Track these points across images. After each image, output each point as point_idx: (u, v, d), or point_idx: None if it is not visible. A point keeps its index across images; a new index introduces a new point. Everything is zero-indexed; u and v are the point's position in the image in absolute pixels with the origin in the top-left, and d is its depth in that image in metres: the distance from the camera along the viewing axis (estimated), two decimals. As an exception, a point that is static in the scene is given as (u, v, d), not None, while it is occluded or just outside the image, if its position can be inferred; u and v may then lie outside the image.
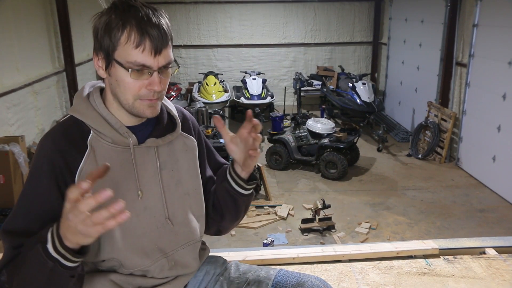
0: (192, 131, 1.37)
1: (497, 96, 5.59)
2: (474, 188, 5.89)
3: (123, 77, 1.11)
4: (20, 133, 5.26)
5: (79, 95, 1.21)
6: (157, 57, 1.09)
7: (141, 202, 1.21)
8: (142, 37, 1.07)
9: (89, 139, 1.15)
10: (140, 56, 1.08)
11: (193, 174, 1.33)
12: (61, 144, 1.13)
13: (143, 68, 1.09)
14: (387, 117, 9.04)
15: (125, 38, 1.07)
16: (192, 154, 1.33)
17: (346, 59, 10.29)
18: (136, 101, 1.13)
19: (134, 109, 1.15)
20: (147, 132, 1.24)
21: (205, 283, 1.38)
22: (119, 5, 1.10)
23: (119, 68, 1.10)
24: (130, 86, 1.11)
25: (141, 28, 1.06)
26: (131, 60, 1.08)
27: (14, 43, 5.40)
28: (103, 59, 1.13)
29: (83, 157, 1.13)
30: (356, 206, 5.37)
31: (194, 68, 10.13)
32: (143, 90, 1.12)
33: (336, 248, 2.15)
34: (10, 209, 4.22)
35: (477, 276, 1.96)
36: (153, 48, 1.08)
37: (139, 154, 1.20)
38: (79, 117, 1.16)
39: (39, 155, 1.14)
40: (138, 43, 1.07)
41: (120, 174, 1.17)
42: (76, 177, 1.13)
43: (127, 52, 1.08)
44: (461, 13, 6.54)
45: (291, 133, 6.59)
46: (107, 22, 1.09)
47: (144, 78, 1.11)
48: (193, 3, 9.78)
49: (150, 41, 1.07)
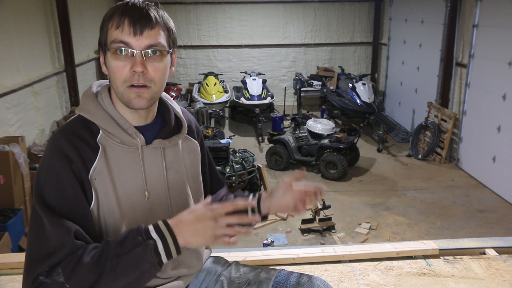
0: (196, 134, 1.38)
1: (497, 96, 5.59)
2: (474, 188, 5.89)
3: (111, 63, 1.12)
4: (20, 133, 5.26)
5: (88, 94, 1.21)
6: (138, 37, 1.09)
7: (147, 202, 1.21)
8: (122, 18, 1.09)
9: (99, 138, 1.15)
10: (119, 35, 1.09)
11: (194, 176, 1.34)
12: (75, 142, 1.12)
13: (121, 47, 1.10)
14: (387, 117, 9.04)
15: (111, 24, 1.11)
16: (195, 157, 1.35)
17: (346, 59, 10.30)
18: (125, 89, 1.12)
19: (123, 97, 1.14)
20: (154, 133, 1.24)
21: (206, 283, 1.39)
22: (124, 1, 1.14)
23: (108, 55, 1.13)
24: (115, 70, 1.11)
25: (123, 11, 1.10)
26: (111, 40, 1.11)
27: (14, 44, 5.40)
28: (102, 54, 1.16)
29: (96, 156, 1.13)
30: (356, 207, 5.37)
31: (194, 68, 10.13)
32: (126, 72, 1.11)
33: (336, 248, 2.15)
34: (10, 209, 4.21)
35: (477, 276, 1.96)
36: (132, 27, 1.09)
37: (146, 155, 1.21)
38: (88, 117, 1.16)
39: (52, 153, 1.11)
40: (118, 24, 1.10)
41: (128, 174, 1.17)
42: (90, 175, 1.12)
43: (110, 34, 1.11)
44: (461, 14, 6.54)
45: (291, 134, 6.59)
46: (104, 17, 1.14)
47: (127, 60, 1.11)
48: (193, 4, 9.78)
49: (129, 21, 1.09)
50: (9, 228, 3.92)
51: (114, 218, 1.15)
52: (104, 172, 1.13)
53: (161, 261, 1.03)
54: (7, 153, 4.29)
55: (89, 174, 1.12)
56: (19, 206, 4.34)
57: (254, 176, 5.60)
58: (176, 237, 1.03)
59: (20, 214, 4.17)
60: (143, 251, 1.01)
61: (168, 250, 1.02)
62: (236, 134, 7.62)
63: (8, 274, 2.01)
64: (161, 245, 1.02)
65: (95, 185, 1.12)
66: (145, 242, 1.01)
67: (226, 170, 5.37)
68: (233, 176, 5.35)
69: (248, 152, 5.87)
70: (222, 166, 5.40)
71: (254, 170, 5.64)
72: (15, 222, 4.06)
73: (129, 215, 1.17)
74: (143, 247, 1.01)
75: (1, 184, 4.31)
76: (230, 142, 5.68)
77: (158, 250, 1.02)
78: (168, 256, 1.03)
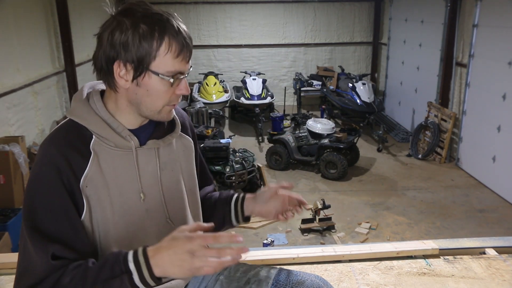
0: (189, 131, 1.38)
1: (497, 96, 5.59)
2: (474, 188, 5.89)
3: (157, 87, 1.12)
4: (20, 133, 5.26)
5: (78, 98, 1.19)
6: (188, 62, 1.15)
7: (143, 204, 1.20)
8: (182, 47, 1.11)
9: (92, 144, 1.14)
10: (179, 65, 1.12)
11: (190, 174, 1.34)
12: (65, 150, 1.11)
13: (179, 75, 1.13)
14: (387, 117, 9.04)
15: (165, 49, 1.09)
16: (189, 154, 1.35)
17: (346, 59, 10.30)
18: (164, 107, 1.16)
19: (159, 115, 1.17)
20: (148, 133, 1.24)
21: (205, 282, 1.39)
22: (141, 12, 1.09)
23: (154, 78, 1.11)
24: (164, 94, 1.13)
25: (180, 38, 1.10)
26: (171, 70, 1.11)
27: (14, 43, 5.40)
28: (132, 69, 1.11)
29: (87, 163, 1.12)
30: (356, 206, 5.37)
31: (194, 68, 10.08)
32: (173, 96, 1.15)
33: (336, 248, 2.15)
34: (10, 209, 4.22)
35: (477, 276, 1.96)
36: (189, 56, 1.14)
37: (140, 156, 1.20)
38: (80, 122, 1.15)
39: (42, 162, 1.10)
40: (178, 53, 1.10)
41: (123, 177, 1.17)
42: (81, 183, 1.11)
43: (166, 62, 1.10)
44: (461, 13, 6.54)
45: (291, 133, 6.59)
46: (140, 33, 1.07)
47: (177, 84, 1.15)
48: (193, 3, 9.78)
49: (188, 50, 1.13)
50: (9, 228, 3.93)
51: (108, 224, 1.14)
52: (96, 178, 1.12)
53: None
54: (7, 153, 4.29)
55: (80, 183, 1.11)
56: (19, 206, 4.34)
57: (254, 176, 5.61)
58: (152, 269, 1.00)
59: (20, 214, 4.18)
60: (119, 285, 1.00)
61: (145, 282, 1.00)
62: (236, 134, 7.62)
63: (8, 274, 2.01)
64: (137, 277, 1.00)
65: (86, 192, 1.11)
66: (121, 275, 1.00)
67: (226, 170, 5.37)
68: (233, 176, 5.35)
69: (248, 152, 5.87)
70: (222, 165, 5.40)
71: (254, 170, 5.64)
72: (15, 222, 4.06)
73: (125, 218, 1.16)
74: (119, 280, 1.00)
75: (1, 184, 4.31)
76: (230, 142, 5.69)
77: (135, 283, 1.00)
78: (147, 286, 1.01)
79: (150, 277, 1.00)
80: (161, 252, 1.00)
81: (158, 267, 1.00)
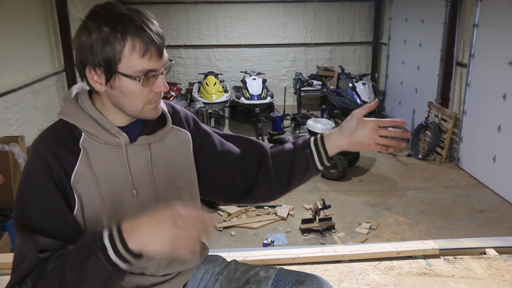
0: (185, 123, 1.35)
1: (498, 96, 5.59)
2: (474, 188, 5.88)
3: (130, 87, 1.11)
4: (20, 133, 5.26)
5: (67, 98, 1.20)
6: (161, 59, 1.11)
7: (136, 201, 1.20)
8: (147, 45, 1.07)
9: (81, 141, 1.14)
10: (148, 63, 1.09)
11: (187, 167, 1.32)
12: (54, 148, 1.12)
13: (150, 74, 1.10)
14: (387, 117, 9.04)
15: (129, 49, 1.06)
16: (186, 147, 1.32)
17: (346, 59, 10.29)
18: (145, 106, 1.15)
19: (142, 114, 1.16)
20: (139, 130, 1.23)
21: (204, 282, 1.38)
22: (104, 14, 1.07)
23: (125, 80, 1.10)
24: (139, 94, 1.12)
25: (143, 36, 1.06)
26: (139, 69, 1.08)
27: (14, 43, 5.40)
28: (102, 73, 1.10)
29: (77, 160, 1.13)
30: (356, 207, 5.36)
31: (194, 68, 10.12)
32: (151, 94, 1.13)
33: (336, 248, 2.15)
34: (10, 209, 4.22)
35: (477, 276, 1.96)
36: (159, 53, 1.10)
37: (132, 153, 1.20)
38: (69, 120, 1.15)
39: (32, 160, 1.12)
40: (144, 52, 1.07)
41: (113, 174, 1.17)
42: (72, 179, 1.12)
43: (132, 62, 1.07)
44: (461, 13, 6.53)
45: (291, 133, 6.60)
46: (103, 36, 1.06)
47: (151, 82, 1.12)
48: (193, 3, 9.77)
49: (155, 47, 1.08)
50: (9, 228, 3.93)
51: (100, 220, 1.14)
52: (87, 175, 1.13)
53: (119, 267, 0.99)
54: (7, 153, 4.29)
55: (71, 180, 1.11)
56: (18, 206, 4.34)
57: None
58: (126, 241, 0.98)
59: (19, 214, 4.17)
60: (96, 262, 0.98)
61: (121, 256, 0.98)
62: (236, 134, 7.61)
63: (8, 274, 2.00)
64: (112, 252, 0.98)
65: (77, 189, 1.12)
66: (97, 251, 0.99)
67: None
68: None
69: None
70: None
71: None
72: (15, 222, 4.05)
73: (118, 214, 1.16)
74: (95, 258, 0.99)
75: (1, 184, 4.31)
76: (230, 141, 5.67)
77: (111, 258, 0.98)
78: (125, 262, 0.99)
79: (125, 250, 0.97)
80: (138, 224, 0.98)
81: (134, 238, 0.97)
